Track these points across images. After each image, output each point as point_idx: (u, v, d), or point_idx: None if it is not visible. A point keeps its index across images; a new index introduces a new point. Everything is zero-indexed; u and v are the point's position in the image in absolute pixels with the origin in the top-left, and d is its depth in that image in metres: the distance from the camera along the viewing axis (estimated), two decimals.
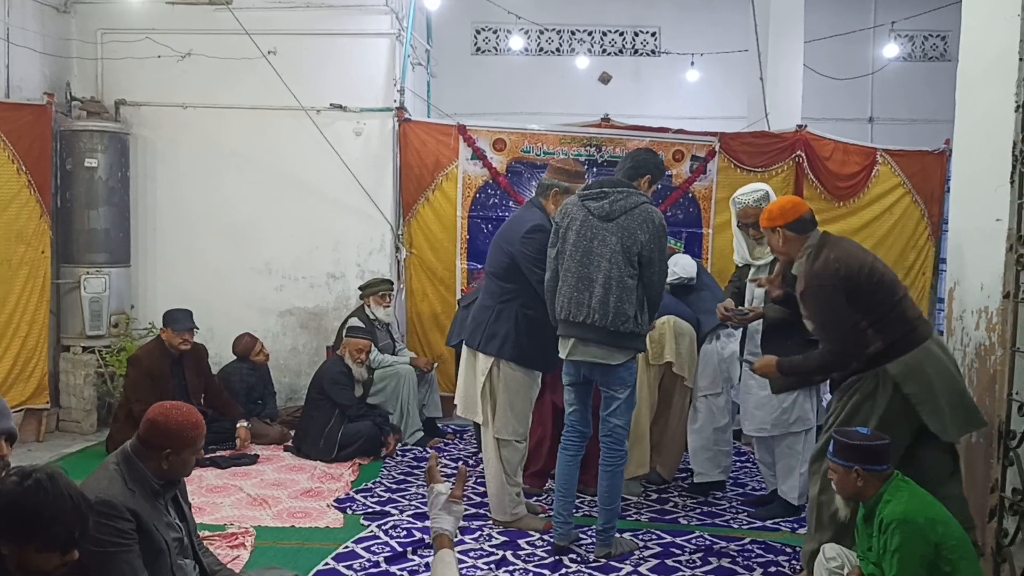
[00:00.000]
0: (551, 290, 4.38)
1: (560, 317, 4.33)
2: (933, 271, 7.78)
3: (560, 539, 4.45)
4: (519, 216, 4.81)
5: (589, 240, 4.24)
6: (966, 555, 3.13)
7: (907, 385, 3.68)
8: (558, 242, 4.36)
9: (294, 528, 4.78)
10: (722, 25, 10.41)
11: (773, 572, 4.20)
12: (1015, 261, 3.73)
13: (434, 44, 10.06)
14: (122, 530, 2.73)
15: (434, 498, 2.37)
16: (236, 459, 5.98)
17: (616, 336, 4.19)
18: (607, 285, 4.17)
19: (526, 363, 4.64)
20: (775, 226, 3.99)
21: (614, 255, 4.19)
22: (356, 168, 7.18)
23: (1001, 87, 3.81)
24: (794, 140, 7.48)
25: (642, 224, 4.20)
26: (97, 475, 2.89)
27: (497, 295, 4.67)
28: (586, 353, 4.27)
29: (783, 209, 4.01)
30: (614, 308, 4.16)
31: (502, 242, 4.71)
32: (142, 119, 7.33)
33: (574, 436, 4.48)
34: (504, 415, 4.65)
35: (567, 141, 7.35)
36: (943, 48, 11.18)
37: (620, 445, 4.37)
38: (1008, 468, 3.73)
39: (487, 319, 4.65)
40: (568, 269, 4.28)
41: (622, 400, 4.32)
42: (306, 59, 7.23)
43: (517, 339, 4.57)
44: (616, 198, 4.26)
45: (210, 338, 6.84)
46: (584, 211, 4.29)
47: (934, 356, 3.74)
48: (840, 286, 3.73)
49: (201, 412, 6.14)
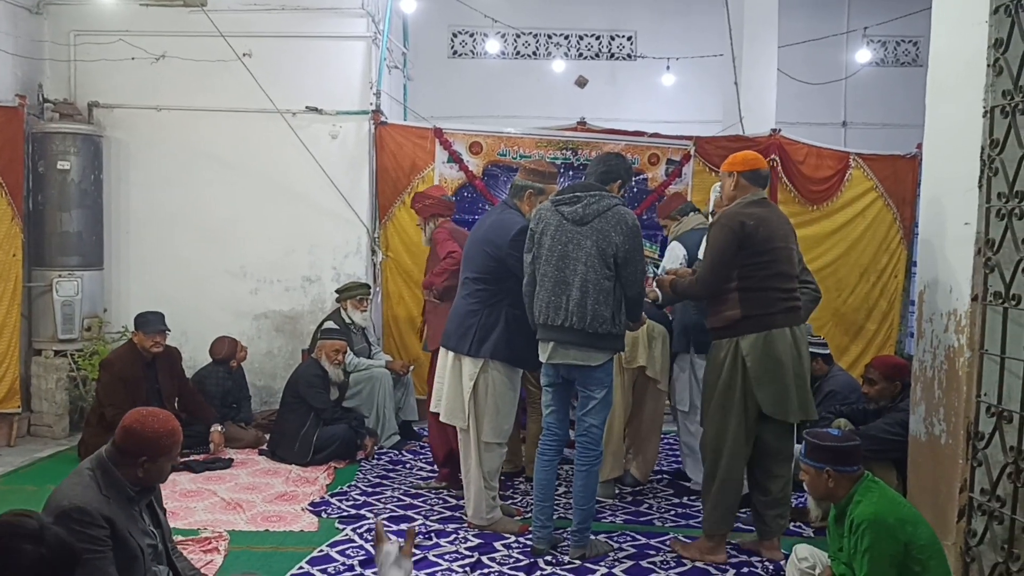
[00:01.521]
0: (529, 294, 4.42)
1: (539, 321, 4.36)
2: (905, 274, 7.85)
3: (539, 543, 4.45)
4: (499, 219, 4.78)
5: (564, 244, 4.28)
6: (935, 555, 3.16)
7: (750, 360, 4.21)
8: (533, 247, 4.39)
9: (268, 532, 4.75)
10: (697, 30, 10.47)
11: (746, 573, 4.23)
12: (983, 264, 3.78)
13: (411, 47, 10.07)
14: (96, 537, 2.71)
15: (383, 556, 2.39)
16: (210, 463, 5.95)
17: (594, 338, 4.23)
18: (584, 288, 4.21)
19: (517, 362, 4.68)
20: (733, 170, 4.44)
21: (590, 258, 4.23)
22: (332, 171, 7.17)
23: (970, 92, 3.86)
24: (768, 144, 7.53)
25: (616, 226, 4.25)
26: (71, 481, 2.86)
27: (483, 298, 4.66)
28: (565, 356, 4.31)
29: (745, 158, 4.48)
30: (591, 310, 4.20)
31: (485, 246, 4.70)
32: (115, 121, 7.29)
33: (552, 440, 4.49)
34: (492, 419, 4.66)
35: (543, 144, 7.36)
36: (915, 53, 11.30)
37: (596, 445, 4.40)
38: (976, 469, 3.77)
39: (476, 323, 4.63)
40: (545, 274, 4.32)
41: (599, 400, 4.36)
42: (282, 61, 7.21)
43: (509, 339, 4.59)
44: (589, 202, 4.31)
45: (184, 341, 6.80)
46: (558, 216, 4.33)
47: (784, 343, 4.22)
48: (737, 236, 4.20)
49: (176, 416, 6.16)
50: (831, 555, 3.44)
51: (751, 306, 4.24)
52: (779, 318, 4.24)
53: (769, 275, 4.25)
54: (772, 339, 4.22)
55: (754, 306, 4.24)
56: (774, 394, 4.23)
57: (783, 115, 8.87)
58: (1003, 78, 3.68)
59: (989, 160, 3.75)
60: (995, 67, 3.72)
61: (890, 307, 7.93)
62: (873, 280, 7.85)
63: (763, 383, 4.22)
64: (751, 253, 4.22)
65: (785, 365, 4.22)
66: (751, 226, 4.22)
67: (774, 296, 4.25)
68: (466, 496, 4.83)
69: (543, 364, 4.45)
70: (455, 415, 4.72)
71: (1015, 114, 3.60)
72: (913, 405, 4.34)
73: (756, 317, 4.24)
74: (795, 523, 4.95)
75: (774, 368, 4.21)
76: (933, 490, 4.08)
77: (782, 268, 4.29)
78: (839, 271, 7.68)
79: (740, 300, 4.25)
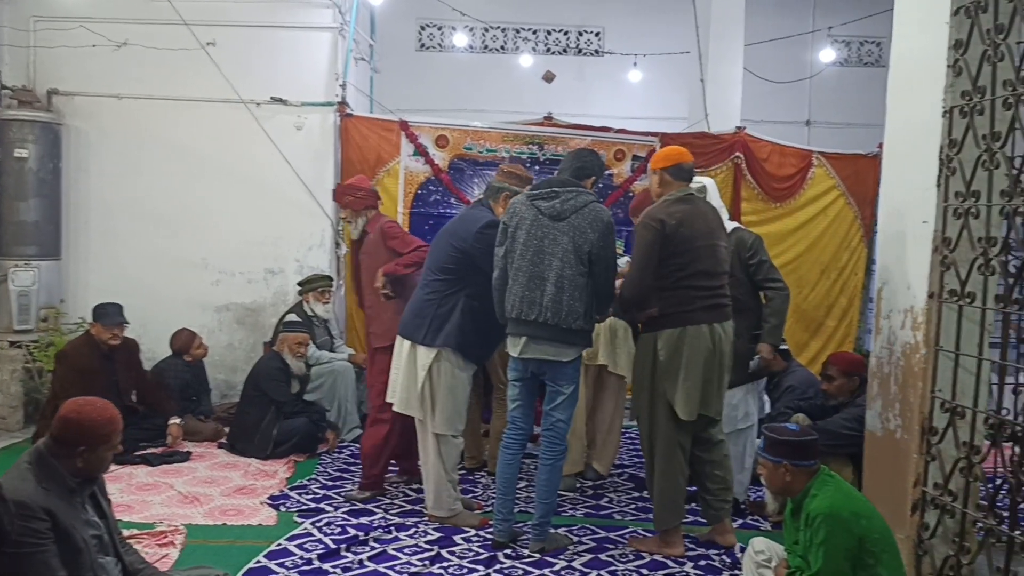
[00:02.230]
0: (499, 288, 4.42)
1: (511, 316, 4.35)
2: (865, 271, 7.95)
3: (500, 535, 4.46)
4: (469, 214, 4.82)
5: (540, 239, 4.29)
6: (888, 548, 3.20)
7: (663, 355, 4.28)
8: (506, 241, 4.39)
9: (226, 526, 4.70)
10: (664, 27, 10.51)
11: (704, 566, 4.26)
12: (940, 262, 3.82)
13: (378, 39, 10.00)
14: (37, 530, 2.67)
15: None
16: (168, 456, 5.88)
17: (568, 333, 4.27)
18: (559, 284, 4.23)
19: (469, 354, 4.67)
20: (656, 167, 4.47)
21: (566, 254, 4.25)
22: (296, 163, 7.11)
23: (929, 93, 3.90)
24: (733, 141, 7.58)
25: (592, 223, 4.28)
26: (10, 475, 2.81)
27: (441, 289, 4.66)
28: (537, 351, 4.32)
29: (667, 154, 4.52)
30: (567, 306, 4.23)
31: (451, 238, 4.70)
32: (75, 109, 7.18)
33: (516, 433, 4.50)
34: (444, 410, 4.65)
35: (510, 139, 7.36)
36: (878, 54, 11.43)
37: (561, 440, 4.42)
38: (930, 463, 3.83)
39: (432, 312, 4.63)
40: (519, 268, 4.32)
41: (566, 396, 4.39)
42: (246, 51, 7.14)
43: (463, 329, 4.59)
44: (567, 198, 4.32)
45: (143, 333, 6.70)
46: (534, 211, 4.34)
47: (700, 339, 4.26)
48: (660, 235, 4.23)
49: (133, 409, 6.09)
50: (787, 548, 3.48)
51: (668, 303, 4.29)
52: (697, 315, 4.28)
53: (688, 274, 4.28)
54: (685, 335, 4.27)
55: (671, 303, 4.29)
56: (676, 388, 4.27)
57: (748, 113, 8.93)
58: (962, 79, 3.72)
59: (947, 160, 3.80)
60: (954, 68, 3.77)
61: (850, 304, 8.02)
62: (834, 277, 7.93)
63: (669, 377, 4.28)
64: (671, 252, 4.25)
65: (694, 361, 4.26)
66: (672, 225, 4.25)
67: (693, 294, 4.28)
68: (426, 488, 4.82)
69: (512, 358, 4.45)
70: (411, 405, 4.71)
71: (973, 115, 3.65)
72: (870, 400, 4.39)
73: (673, 314, 4.29)
74: (753, 516, 5.00)
75: (681, 364, 4.26)
76: (888, 484, 4.13)
77: (703, 266, 4.31)
78: (800, 268, 7.75)
79: (659, 297, 4.30)
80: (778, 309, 4.87)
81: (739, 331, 4.79)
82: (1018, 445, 3.44)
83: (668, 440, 4.35)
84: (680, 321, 4.28)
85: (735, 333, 4.72)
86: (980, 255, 3.58)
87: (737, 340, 4.76)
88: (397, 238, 5.35)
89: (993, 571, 3.41)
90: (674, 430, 4.33)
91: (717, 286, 4.37)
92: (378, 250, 5.35)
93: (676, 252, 4.26)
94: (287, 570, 4.08)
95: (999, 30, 3.49)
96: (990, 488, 3.59)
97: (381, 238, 5.35)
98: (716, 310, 4.35)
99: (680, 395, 4.27)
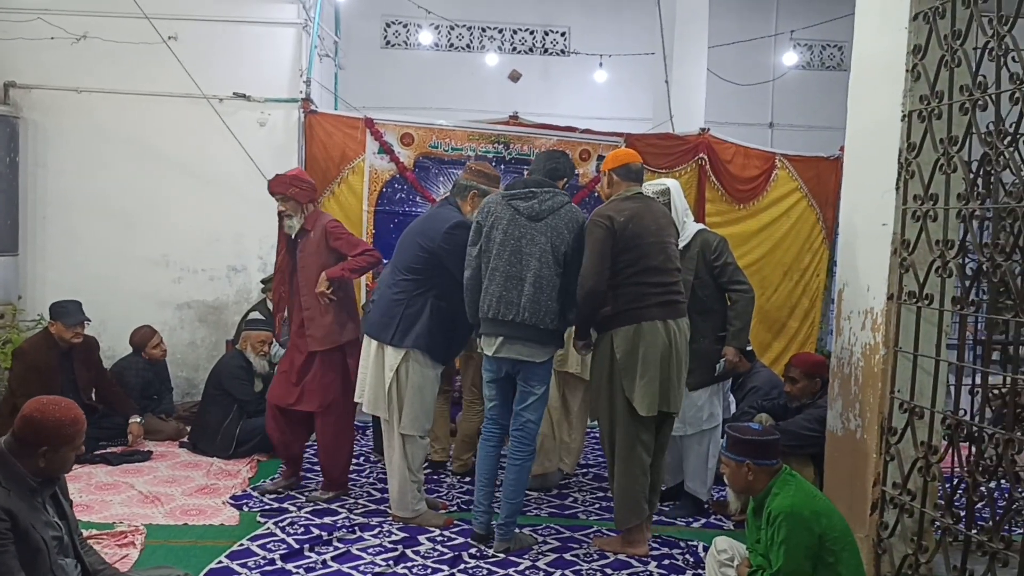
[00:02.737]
0: (472, 288, 4.42)
1: (487, 316, 4.35)
2: (827, 273, 8.03)
3: (481, 528, 4.48)
4: (436, 214, 4.79)
5: (517, 239, 4.31)
6: (848, 546, 3.25)
7: (619, 353, 4.30)
8: (480, 240, 4.39)
9: (187, 526, 4.65)
10: (630, 27, 10.58)
11: (667, 565, 4.29)
12: (899, 264, 3.88)
13: (343, 36, 9.95)
14: None
15: None
16: (128, 456, 5.80)
17: (543, 334, 4.31)
18: (537, 284, 4.26)
19: (435, 355, 4.67)
20: (605, 169, 4.56)
21: (543, 254, 4.28)
22: (259, 159, 7.03)
23: (888, 97, 3.96)
24: (697, 143, 7.63)
25: (568, 224, 4.33)
26: None
27: (409, 289, 4.64)
28: (512, 351, 4.34)
29: (615, 155, 4.59)
30: (544, 306, 4.26)
31: (418, 238, 4.68)
32: (33, 102, 7.05)
33: (495, 428, 4.54)
34: (411, 410, 4.64)
35: (475, 137, 7.34)
36: (840, 58, 11.58)
37: (531, 441, 4.44)
38: (889, 463, 3.88)
39: (400, 313, 4.61)
40: (495, 268, 4.32)
41: (538, 396, 4.41)
42: (209, 46, 7.06)
43: (431, 330, 4.59)
44: (544, 198, 4.36)
45: (103, 331, 6.61)
46: (511, 210, 4.35)
47: (655, 335, 4.29)
48: (609, 232, 4.26)
49: (92, 407, 6.00)
50: (749, 547, 3.51)
51: (621, 301, 4.31)
52: (651, 311, 4.31)
53: (639, 270, 4.31)
54: (641, 332, 4.29)
55: (623, 301, 4.31)
56: (635, 385, 4.28)
57: (712, 114, 9.01)
58: (921, 83, 3.78)
59: (906, 163, 3.86)
60: (913, 72, 3.83)
61: (812, 305, 8.11)
62: (796, 279, 8.01)
63: (627, 374, 4.30)
64: (621, 249, 4.29)
65: (651, 358, 4.28)
66: (620, 222, 4.28)
67: (645, 291, 4.31)
68: (390, 489, 4.80)
69: (486, 358, 4.46)
70: (378, 405, 4.69)
71: (931, 119, 3.71)
72: (831, 401, 4.45)
73: (626, 311, 4.31)
74: (716, 516, 5.05)
75: (638, 360, 4.29)
76: (848, 484, 4.18)
77: (654, 263, 4.34)
78: (763, 269, 7.82)
79: (612, 296, 4.32)
80: (742, 312, 4.91)
81: (704, 333, 4.84)
82: (975, 445, 3.50)
83: (628, 438, 4.36)
84: (634, 318, 4.31)
85: (700, 334, 4.79)
86: (938, 257, 3.64)
87: (703, 342, 4.82)
88: (342, 239, 5.08)
89: (950, 569, 3.47)
90: (634, 428, 4.35)
91: (669, 282, 4.39)
92: (320, 250, 5.05)
93: (626, 248, 4.29)
94: (249, 570, 4.04)
95: (957, 36, 3.55)
96: (948, 487, 3.66)
97: (324, 238, 5.05)
98: (669, 306, 4.37)
99: (638, 392, 4.28)
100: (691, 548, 4.47)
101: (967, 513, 3.46)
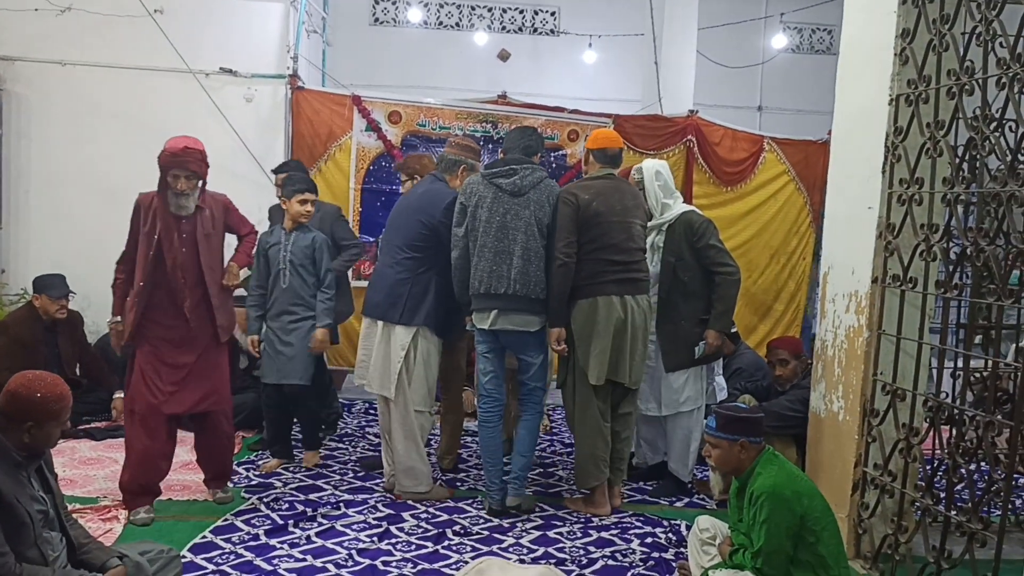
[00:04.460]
0: (461, 268, 4.55)
1: (479, 291, 4.48)
2: (813, 256, 8.06)
3: (495, 503, 4.61)
4: (431, 190, 4.82)
5: (503, 216, 4.46)
6: (829, 526, 3.28)
7: (575, 324, 4.52)
8: (466, 220, 4.52)
9: (172, 501, 4.66)
10: (619, 8, 10.53)
11: (650, 543, 4.31)
12: (883, 248, 3.91)
13: (331, 12, 9.87)
14: None
15: None
16: (112, 431, 5.78)
17: (535, 303, 4.48)
18: (526, 256, 4.43)
19: (441, 331, 4.78)
20: (587, 147, 4.78)
21: (529, 227, 4.45)
22: (246, 135, 6.99)
23: (876, 80, 3.98)
24: (685, 125, 7.63)
25: (548, 197, 4.53)
26: None
27: (412, 267, 4.69)
28: (507, 322, 4.50)
29: (596, 136, 4.79)
30: (534, 276, 4.44)
31: (418, 215, 4.72)
32: (16, 75, 6.95)
33: (492, 405, 4.67)
34: (421, 386, 4.73)
35: (463, 116, 7.31)
36: (829, 42, 11.58)
37: (539, 403, 4.73)
38: (871, 444, 3.93)
39: (407, 292, 4.66)
40: (484, 245, 4.46)
41: (538, 364, 4.63)
42: (195, 20, 6.97)
43: (436, 307, 4.70)
44: (524, 174, 4.52)
45: (86, 306, 6.55)
46: (493, 188, 4.49)
47: (609, 310, 4.48)
48: (573, 208, 4.47)
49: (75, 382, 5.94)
50: (731, 526, 3.55)
51: (581, 276, 4.51)
52: (608, 287, 4.50)
53: (599, 246, 4.51)
54: (595, 305, 4.49)
55: (583, 276, 4.50)
56: (587, 356, 4.50)
57: (701, 97, 9.01)
58: (908, 67, 3.80)
59: (893, 147, 3.88)
60: (901, 56, 3.84)
61: (798, 288, 8.15)
62: (783, 262, 8.04)
63: (582, 344, 4.52)
64: (583, 226, 4.48)
65: (604, 330, 4.47)
66: (584, 199, 4.49)
67: (603, 268, 4.51)
68: (397, 466, 4.79)
69: (480, 332, 4.60)
70: (385, 385, 4.73)
71: (918, 103, 3.72)
72: (814, 382, 4.48)
73: (585, 286, 4.51)
74: (699, 496, 5.08)
75: (592, 332, 4.49)
76: (830, 465, 4.23)
77: (614, 240, 4.53)
78: (750, 252, 7.84)
79: (577, 270, 4.50)
80: (724, 295, 4.81)
81: (685, 315, 4.84)
82: (956, 427, 3.54)
83: (584, 404, 4.58)
84: (591, 292, 4.50)
85: (681, 316, 4.81)
86: (922, 241, 3.66)
87: (683, 324, 4.83)
88: (237, 214, 4.85)
89: (929, 549, 3.51)
90: (588, 394, 4.56)
91: (630, 261, 4.57)
92: (219, 229, 4.68)
93: (588, 226, 4.49)
94: (233, 545, 4.05)
95: (945, 20, 3.56)
96: (928, 469, 3.70)
97: (224, 215, 4.71)
98: (628, 283, 4.56)
99: (591, 361, 4.49)
100: (674, 527, 4.50)
101: (947, 494, 3.51)
